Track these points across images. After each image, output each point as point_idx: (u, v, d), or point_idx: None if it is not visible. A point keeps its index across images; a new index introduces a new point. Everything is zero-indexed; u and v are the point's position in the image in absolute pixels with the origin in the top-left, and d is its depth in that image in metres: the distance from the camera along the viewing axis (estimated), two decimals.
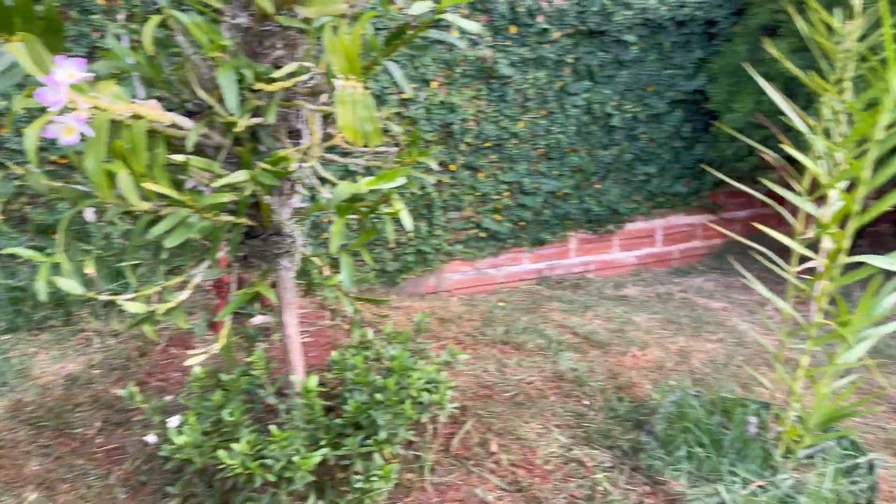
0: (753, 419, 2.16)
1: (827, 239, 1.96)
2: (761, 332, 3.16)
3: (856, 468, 2.06)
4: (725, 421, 2.22)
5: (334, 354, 1.92)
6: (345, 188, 1.61)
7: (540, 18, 3.33)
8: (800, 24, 1.88)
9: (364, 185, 1.61)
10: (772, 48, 2.20)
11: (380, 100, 3.10)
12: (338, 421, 1.78)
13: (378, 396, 1.75)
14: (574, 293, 3.58)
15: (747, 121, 3.32)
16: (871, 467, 2.05)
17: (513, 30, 3.30)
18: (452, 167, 3.36)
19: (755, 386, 2.60)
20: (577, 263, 3.80)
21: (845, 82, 1.89)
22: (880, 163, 1.84)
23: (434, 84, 3.21)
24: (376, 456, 1.73)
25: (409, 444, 2.02)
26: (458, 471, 2.04)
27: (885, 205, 1.80)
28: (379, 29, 2.92)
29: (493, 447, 2.15)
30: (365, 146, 1.52)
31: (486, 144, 3.40)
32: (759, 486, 1.95)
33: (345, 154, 2.23)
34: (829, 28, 1.86)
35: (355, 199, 1.84)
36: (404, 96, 3.16)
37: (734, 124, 3.39)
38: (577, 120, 3.53)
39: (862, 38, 1.89)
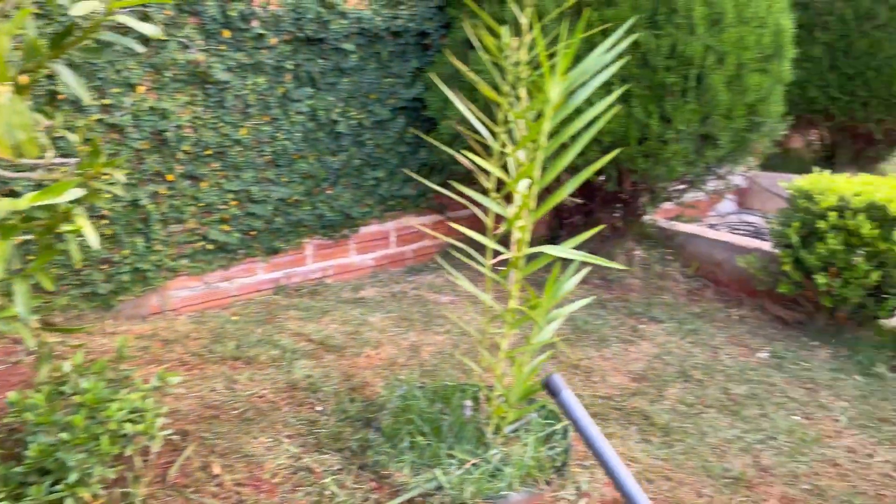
0: (468, 403, 2.33)
1: (515, 232, 2.18)
2: (483, 322, 3.43)
3: (553, 435, 2.32)
4: (445, 408, 2.36)
5: (11, 395, 1.69)
6: (2, 205, 1.42)
7: (255, 23, 3.26)
8: (475, 40, 2.07)
9: (26, 201, 1.44)
10: (453, 59, 2.40)
11: (76, 106, 2.80)
12: (18, 469, 1.58)
13: (65, 435, 1.58)
14: (312, 300, 3.57)
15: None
16: (565, 432, 2.33)
17: (226, 34, 3.19)
18: (170, 177, 3.15)
19: (474, 372, 2.81)
20: (316, 269, 3.80)
21: (519, 92, 2.12)
22: (552, 162, 2.09)
23: (141, 89, 2.99)
24: (68, 501, 1.56)
25: (114, 482, 1.85)
26: (175, 501, 1.92)
27: (553, 202, 2.05)
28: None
29: (216, 469, 2.06)
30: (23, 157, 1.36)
31: (207, 152, 3.25)
32: (473, 464, 2.11)
33: (32, 168, 1.97)
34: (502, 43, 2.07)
35: (28, 218, 1.64)
36: (106, 101, 2.90)
37: (449, 130, 3.64)
38: (303, 126, 3.53)
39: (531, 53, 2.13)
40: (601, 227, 2.33)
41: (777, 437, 2.59)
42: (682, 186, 4.01)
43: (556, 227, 4.28)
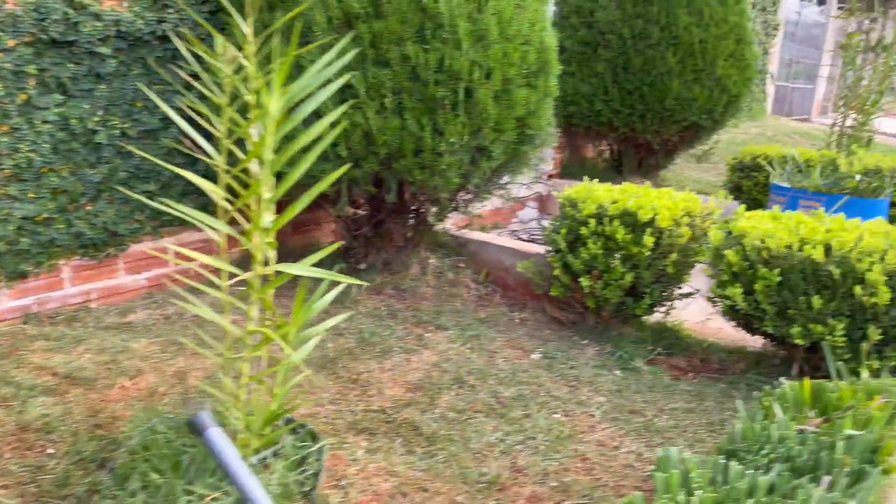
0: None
1: (256, 252, 2.08)
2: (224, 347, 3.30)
3: (308, 458, 2.25)
4: (193, 440, 2.22)
5: None
6: None
7: None
8: (184, 49, 1.95)
9: None
10: (155, 65, 2.27)
11: None
12: None
13: None
14: (68, 328, 3.24)
15: None
16: (320, 453, 2.27)
17: None
18: None
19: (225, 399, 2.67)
20: (76, 293, 3.46)
21: (246, 104, 2.03)
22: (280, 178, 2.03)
23: None
24: None
25: None
26: None
27: (283, 220, 1.98)
28: None
29: None
30: None
31: None
32: (213, 499, 1.98)
33: None
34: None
35: None
36: None
37: None
38: (53, 137, 3.20)
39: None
40: (339, 244, 2.30)
41: (536, 436, 2.70)
42: (467, 196, 4.12)
43: (350, 239, 4.24)
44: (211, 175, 3.80)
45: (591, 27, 6.37)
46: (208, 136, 2.10)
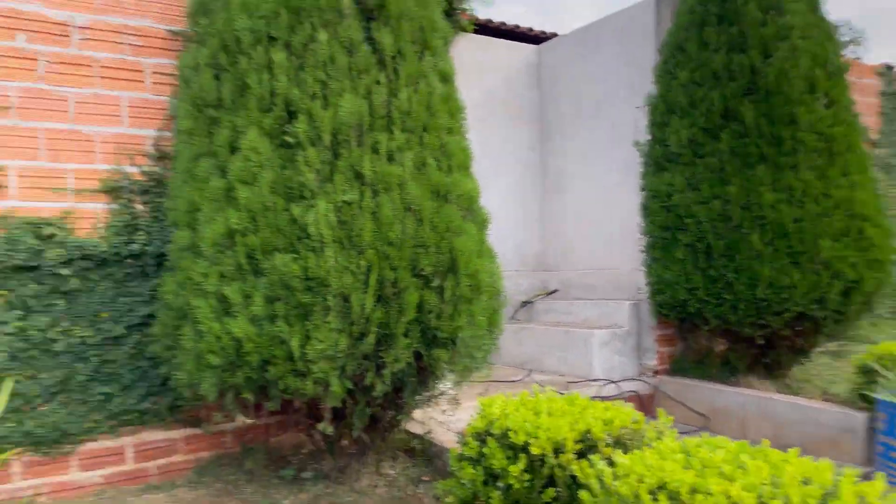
0: None
1: None
2: None
3: None
4: None
5: None
6: None
7: None
8: None
9: None
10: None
11: None
12: None
13: None
14: None
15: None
16: None
17: None
18: None
19: None
20: (25, 487, 3.79)
21: None
22: None
23: None
24: None
25: None
26: None
27: None
28: None
29: None
30: None
31: None
32: None
33: None
34: None
35: None
36: None
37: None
38: (10, 346, 3.74)
39: None
40: None
41: None
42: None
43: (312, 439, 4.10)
44: (168, 376, 4.01)
45: (669, 210, 5.81)
46: None
